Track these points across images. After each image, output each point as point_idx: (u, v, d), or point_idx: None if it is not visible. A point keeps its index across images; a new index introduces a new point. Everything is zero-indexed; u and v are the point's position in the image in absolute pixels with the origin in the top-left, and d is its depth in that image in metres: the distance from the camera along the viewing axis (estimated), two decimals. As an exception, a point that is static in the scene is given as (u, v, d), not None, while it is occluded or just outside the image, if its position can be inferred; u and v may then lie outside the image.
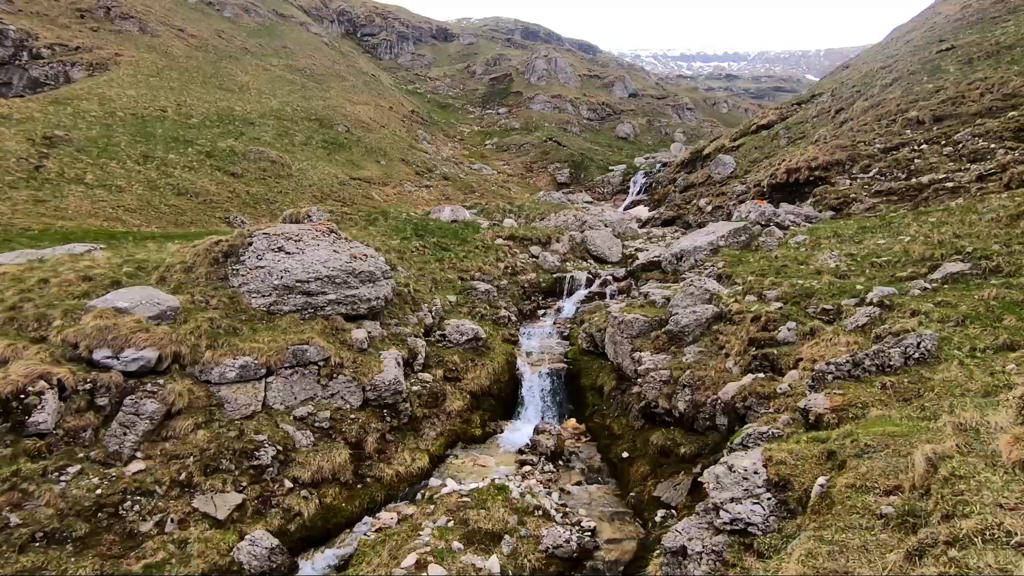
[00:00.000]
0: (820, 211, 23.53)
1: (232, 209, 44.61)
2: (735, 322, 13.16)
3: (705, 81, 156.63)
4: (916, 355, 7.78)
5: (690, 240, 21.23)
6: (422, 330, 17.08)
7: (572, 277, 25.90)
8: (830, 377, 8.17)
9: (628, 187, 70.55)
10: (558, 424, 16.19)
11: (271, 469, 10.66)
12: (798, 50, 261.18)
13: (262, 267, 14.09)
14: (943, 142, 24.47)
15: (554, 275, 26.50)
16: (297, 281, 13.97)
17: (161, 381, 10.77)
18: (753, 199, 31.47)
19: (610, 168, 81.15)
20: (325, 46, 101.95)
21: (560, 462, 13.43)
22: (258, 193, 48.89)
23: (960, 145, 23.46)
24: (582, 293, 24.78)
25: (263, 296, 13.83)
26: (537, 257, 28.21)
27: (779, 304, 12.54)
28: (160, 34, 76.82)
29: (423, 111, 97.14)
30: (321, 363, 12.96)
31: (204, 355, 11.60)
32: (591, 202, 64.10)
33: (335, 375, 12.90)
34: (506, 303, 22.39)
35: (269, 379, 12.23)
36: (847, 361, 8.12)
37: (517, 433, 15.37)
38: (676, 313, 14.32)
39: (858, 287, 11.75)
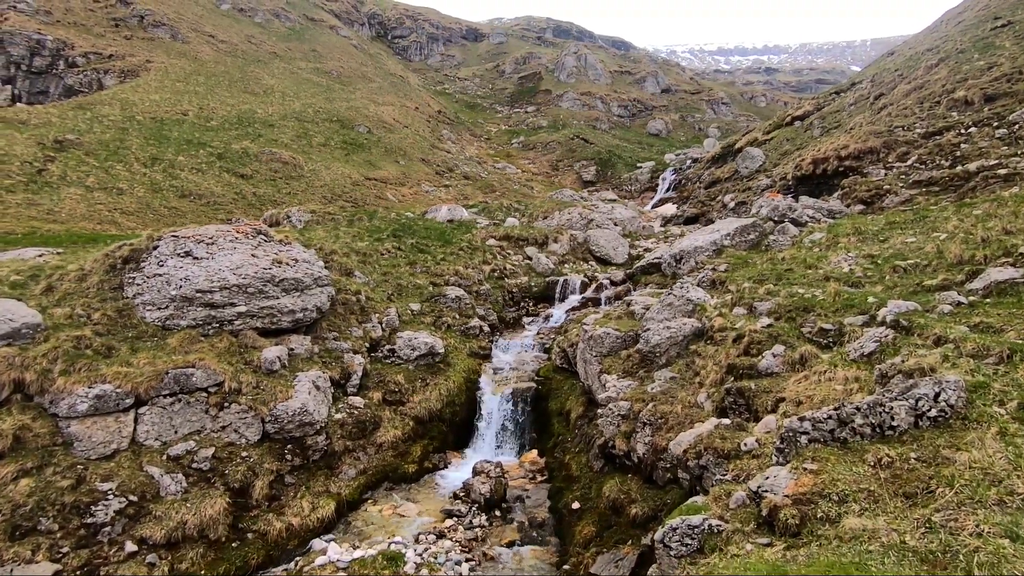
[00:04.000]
0: (848, 205, 20.33)
1: (236, 211, 43.62)
2: (716, 342, 10.48)
3: (743, 75, 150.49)
4: (932, 413, 5.11)
5: (691, 240, 18.46)
6: (367, 345, 14.90)
7: (565, 281, 23.36)
8: (804, 439, 5.55)
9: (656, 184, 67.42)
10: (516, 457, 13.76)
11: (110, 528, 8.61)
12: (842, 41, 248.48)
13: (161, 275, 12.16)
14: (995, 123, 20.88)
15: (547, 278, 24.03)
16: (198, 291, 11.97)
17: (-12, 415, 8.87)
18: (779, 193, 28.25)
19: (638, 165, 77.90)
20: (354, 49, 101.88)
21: (497, 512, 10.98)
22: (265, 194, 47.89)
23: (1016, 126, 19.88)
24: (575, 299, 22.22)
25: (159, 309, 11.89)
26: (532, 259, 25.79)
27: (769, 320, 9.81)
28: (191, 40, 77.68)
29: (450, 111, 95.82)
30: (212, 389, 10.91)
31: (56, 382, 9.67)
32: (615, 200, 61.20)
33: (227, 404, 10.82)
34: (485, 311, 20.06)
35: (142, 410, 10.23)
36: (830, 417, 5.49)
37: (464, 468, 13.00)
38: (648, 329, 11.70)
39: (870, 300, 8.92)
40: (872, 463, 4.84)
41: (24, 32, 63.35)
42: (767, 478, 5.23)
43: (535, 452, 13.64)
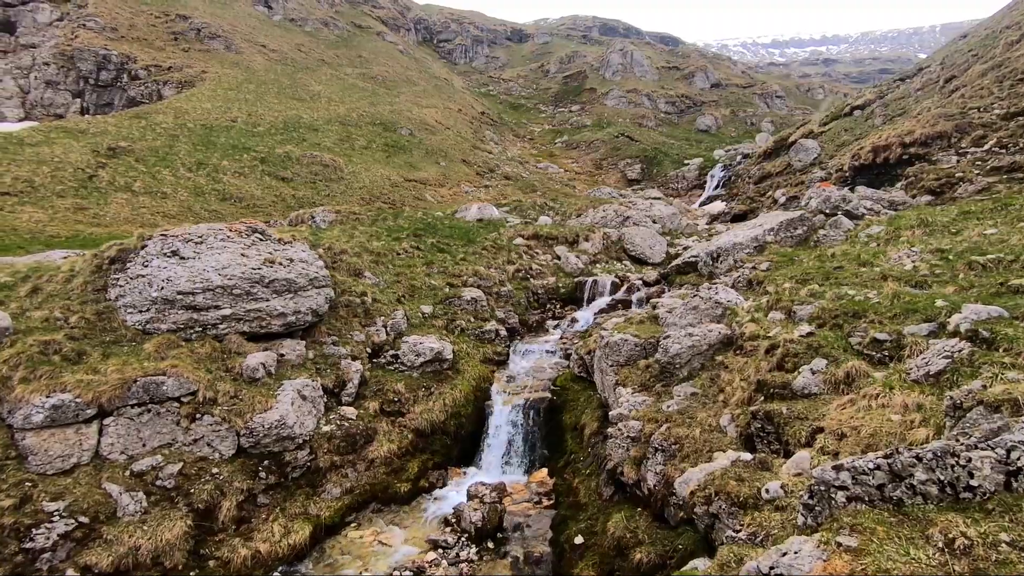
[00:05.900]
0: (913, 195, 17.97)
1: (274, 213, 44.00)
2: (746, 352, 8.86)
3: (799, 68, 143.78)
4: (1031, 470, 3.54)
5: (730, 236, 16.65)
6: (368, 350, 13.89)
7: (595, 281, 21.83)
8: (842, 496, 4.03)
9: (705, 182, 64.63)
10: (525, 476, 12.42)
11: (51, 554, 7.82)
12: (908, 28, 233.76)
13: (144, 276, 11.47)
14: (1095, 99, 18.10)
15: (576, 279, 22.57)
16: (179, 293, 11.21)
17: (-68, 426, 8.27)
18: (834, 185, 25.83)
19: (685, 162, 75.08)
20: (400, 53, 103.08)
21: (490, 543, 9.67)
22: (304, 197, 48.28)
23: (1122, 100, 17.11)
24: (604, 300, 20.68)
25: (140, 311, 11.20)
26: (560, 258, 24.38)
27: (810, 328, 8.12)
28: (244, 51, 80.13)
29: (494, 112, 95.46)
30: (186, 399, 10.07)
31: (14, 391, 9.01)
32: (657, 197, 58.89)
33: (200, 415, 9.95)
34: (505, 313, 18.81)
35: (107, 421, 9.48)
36: (878, 467, 3.96)
37: (464, 488, 11.75)
38: (668, 336, 10.15)
39: (938, 303, 7.15)
40: (940, 544, 3.31)
41: (92, 48, 66.47)
42: (784, 554, 3.75)
43: (545, 471, 12.26)
